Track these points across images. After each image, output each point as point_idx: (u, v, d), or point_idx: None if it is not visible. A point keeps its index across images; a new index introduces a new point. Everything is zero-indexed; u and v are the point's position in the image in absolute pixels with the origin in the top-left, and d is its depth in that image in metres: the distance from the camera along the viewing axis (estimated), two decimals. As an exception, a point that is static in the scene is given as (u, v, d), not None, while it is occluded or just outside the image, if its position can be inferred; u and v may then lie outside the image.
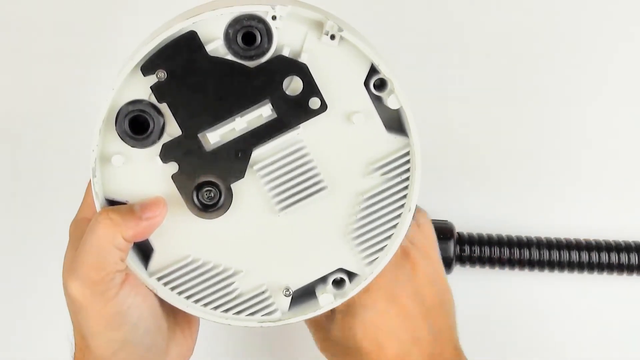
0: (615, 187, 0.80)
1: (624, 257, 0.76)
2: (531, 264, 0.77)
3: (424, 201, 0.62)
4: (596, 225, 0.79)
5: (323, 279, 0.59)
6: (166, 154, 0.55)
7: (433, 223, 0.66)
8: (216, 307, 0.58)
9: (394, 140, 0.57)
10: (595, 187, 0.80)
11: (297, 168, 0.57)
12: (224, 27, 0.54)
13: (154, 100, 0.55)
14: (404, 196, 0.57)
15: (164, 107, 0.55)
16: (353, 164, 0.57)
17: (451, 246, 0.74)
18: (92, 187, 0.55)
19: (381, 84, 0.56)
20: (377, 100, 0.56)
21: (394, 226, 0.58)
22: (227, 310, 0.58)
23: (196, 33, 0.54)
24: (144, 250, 0.58)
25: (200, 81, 0.54)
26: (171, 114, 0.55)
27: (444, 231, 0.74)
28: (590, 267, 0.77)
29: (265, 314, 0.58)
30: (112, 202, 0.57)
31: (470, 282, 0.80)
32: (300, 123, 0.56)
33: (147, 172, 0.56)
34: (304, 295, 0.59)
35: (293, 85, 0.55)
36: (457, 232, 0.76)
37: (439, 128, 0.78)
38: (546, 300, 0.80)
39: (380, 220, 0.58)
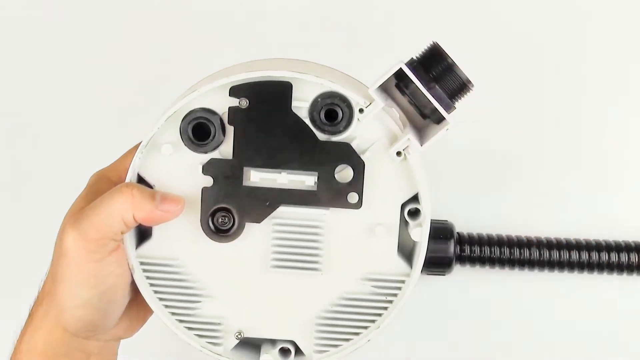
0: (616, 187, 0.81)
1: (623, 257, 0.77)
2: (531, 264, 0.77)
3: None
4: (596, 225, 0.80)
5: (273, 342, 0.62)
6: (209, 168, 0.59)
7: (433, 223, 0.63)
8: (174, 314, 0.61)
9: (398, 264, 0.61)
10: (595, 187, 0.81)
11: (306, 241, 0.60)
12: (315, 94, 0.58)
13: (225, 118, 0.58)
14: (379, 314, 0.61)
15: (229, 128, 0.59)
16: (353, 264, 0.61)
17: (451, 246, 0.73)
18: (133, 160, 0.59)
19: (415, 213, 0.60)
20: (403, 224, 0.60)
21: (357, 334, 0.61)
22: (181, 321, 0.61)
23: (292, 86, 0.58)
24: (142, 232, 0.61)
25: (272, 126, 0.58)
26: (232, 137, 0.59)
27: (444, 231, 0.74)
28: (590, 267, 0.77)
29: (210, 343, 0.62)
30: (140, 179, 0.60)
31: (470, 282, 0.80)
32: (331, 206, 0.59)
33: (184, 172, 0.59)
34: (251, 346, 0.63)
35: (343, 173, 0.59)
36: (457, 232, 0.76)
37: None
38: (546, 300, 0.81)
39: (348, 322, 0.61)
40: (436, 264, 0.73)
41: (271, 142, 0.59)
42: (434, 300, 0.82)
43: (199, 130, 0.59)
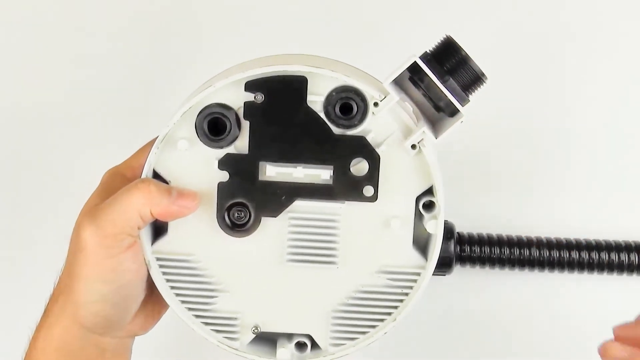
0: (615, 187, 0.81)
1: (624, 257, 0.76)
2: (531, 264, 0.77)
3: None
4: (597, 225, 0.80)
5: (289, 336, 0.63)
6: (224, 163, 0.59)
7: None
8: (190, 309, 0.61)
9: (413, 257, 0.61)
10: (595, 187, 0.81)
11: (322, 235, 0.61)
12: (330, 88, 0.59)
13: (240, 113, 0.59)
14: (395, 307, 0.61)
15: (245, 123, 0.59)
16: (369, 257, 0.61)
17: (451, 246, 0.73)
18: (149, 156, 0.59)
19: (429, 206, 0.60)
20: (418, 217, 0.61)
21: (373, 326, 0.62)
22: (198, 317, 0.62)
23: (307, 81, 0.58)
24: (158, 228, 0.61)
25: (287, 121, 0.59)
26: (248, 132, 0.59)
27: (444, 231, 0.73)
28: (590, 267, 0.77)
29: (227, 338, 0.62)
30: (155, 175, 0.60)
31: (470, 282, 0.81)
32: (346, 200, 0.60)
33: (199, 167, 0.60)
34: (268, 340, 0.63)
35: (359, 166, 0.60)
36: (457, 232, 0.76)
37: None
38: (546, 300, 0.81)
39: (364, 315, 0.62)
40: (436, 264, 0.73)
41: (287, 137, 0.59)
42: (434, 301, 0.82)
43: (214, 125, 0.59)
